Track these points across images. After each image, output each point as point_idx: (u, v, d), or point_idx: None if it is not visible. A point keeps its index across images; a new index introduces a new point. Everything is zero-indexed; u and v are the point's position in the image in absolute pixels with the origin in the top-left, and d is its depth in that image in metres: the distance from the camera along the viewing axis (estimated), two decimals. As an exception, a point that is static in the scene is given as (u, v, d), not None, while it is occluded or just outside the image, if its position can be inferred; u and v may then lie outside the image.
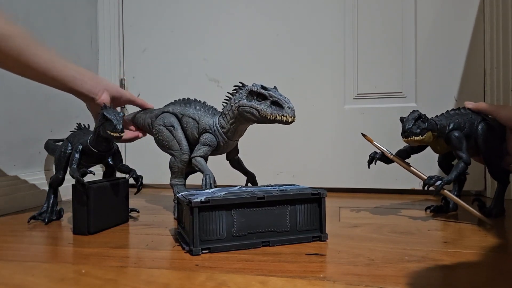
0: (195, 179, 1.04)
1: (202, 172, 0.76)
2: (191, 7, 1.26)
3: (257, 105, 0.71)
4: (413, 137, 0.69)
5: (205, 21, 1.25)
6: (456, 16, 1.10)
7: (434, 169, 0.91)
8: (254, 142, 1.17)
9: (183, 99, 0.86)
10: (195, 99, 0.86)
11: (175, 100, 0.87)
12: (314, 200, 0.62)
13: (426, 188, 0.71)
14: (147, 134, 0.91)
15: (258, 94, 0.71)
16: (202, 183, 0.74)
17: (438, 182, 0.70)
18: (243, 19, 1.23)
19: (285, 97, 0.70)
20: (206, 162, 0.80)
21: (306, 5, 1.19)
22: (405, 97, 1.14)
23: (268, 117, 0.70)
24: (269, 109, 0.70)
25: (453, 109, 0.76)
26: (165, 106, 0.87)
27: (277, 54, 1.21)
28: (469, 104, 0.76)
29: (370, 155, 0.79)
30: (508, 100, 0.99)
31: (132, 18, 1.32)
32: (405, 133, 0.70)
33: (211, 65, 1.25)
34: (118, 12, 1.31)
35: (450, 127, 0.72)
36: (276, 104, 0.70)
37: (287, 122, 0.69)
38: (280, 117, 0.69)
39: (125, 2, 1.32)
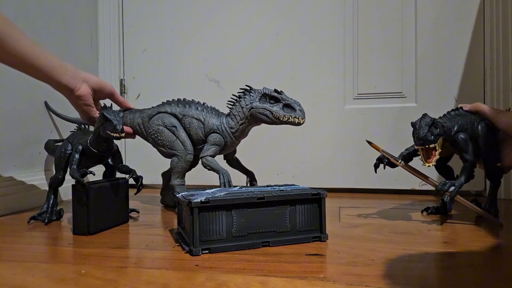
0: (192, 179, 1.04)
1: (218, 172, 0.77)
2: (191, 7, 1.26)
3: (271, 107, 0.76)
4: (429, 144, 0.68)
5: (205, 21, 1.25)
6: (456, 16, 1.09)
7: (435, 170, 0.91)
8: (254, 143, 1.16)
9: (178, 99, 0.86)
10: (192, 99, 0.86)
11: (168, 101, 0.86)
12: (314, 200, 0.62)
13: (440, 194, 0.70)
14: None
15: (271, 97, 0.77)
16: (220, 182, 0.77)
17: (452, 188, 0.69)
18: (243, 20, 1.23)
19: (296, 100, 0.76)
20: None
21: (306, 5, 1.19)
22: (405, 97, 1.14)
23: (281, 118, 0.75)
24: (282, 111, 0.75)
25: (453, 110, 0.75)
26: (158, 106, 0.86)
27: (277, 54, 1.20)
28: (465, 107, 0.75)
29: (377, 159, 0.78)
30: (508, 100, 0.99)
31: (132, 18, 1.32)
32: (421, 141, 0.68)
33: (211, 65, 1.25)
34: (118, 12, 1.31)
35: (455, 129, 0.72)
36: (288, 106, 0.76)
37: (298, 124, 0.75)
38: (292, 119, 0.75)
39: (125, 2, 1.32)
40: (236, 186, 0.73)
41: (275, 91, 0.77)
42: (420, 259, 0.52)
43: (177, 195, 0.63)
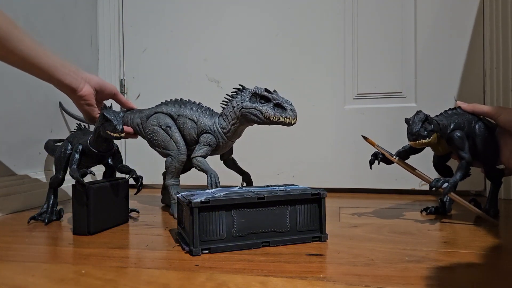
0: (191, 179, 1.04)
1: (206, 172, 0.77)
2: (191, 7, 1.26)
3: (261, 107, 0.73)
4: (421, 140, 0.68)
5: (205, 21, 1.25)
6: (456, 16, 1.09)
7: (433, 169, 0.92)
8: (254, 143, 1.17)
9: (176, 99, 0.86)
10: (189, 99, 0.86)
11: (166, 101, 0.87)
12: (314, 200, 0.62)
13: (434, 191, 0.70)
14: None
15: (261, 97, 0.74)
16: (207, 183, 0.76)
17: (445, 185, 0.69)
18: (243, 20, 1.23)
19: (287, 100, 0.73)
20: None
21: (305, 5, 1.19)
22: (405, 97, 1.14)
23: (272, 118, 0.72)
24: (272, 111, 0.73)
25: (450, 109, 0.75)
26: (156, 106, 0.87)
27: (277, 54, 1.21)
28: (462, 104, 0.75)
29: (372, 155, 0.78)
30: (508, 100, 0.99)
31: (132, 18, 1.32)
32: (413, 136, 0.68)
33: (211, 65, 1.25)
34: (118, 12, 1.31)
35: (451, 127, 0.72)
36: (279, 106, 0.73)
37: (289, 124, 0.72)
38: (283, 119, 0.72)
39: (125, 2, 1.32)
40: (236, 186, 0.73)
41: (266, 90, 0.74)
42: (420, 259, 0.52)
43: (177, 195, 0.63)
